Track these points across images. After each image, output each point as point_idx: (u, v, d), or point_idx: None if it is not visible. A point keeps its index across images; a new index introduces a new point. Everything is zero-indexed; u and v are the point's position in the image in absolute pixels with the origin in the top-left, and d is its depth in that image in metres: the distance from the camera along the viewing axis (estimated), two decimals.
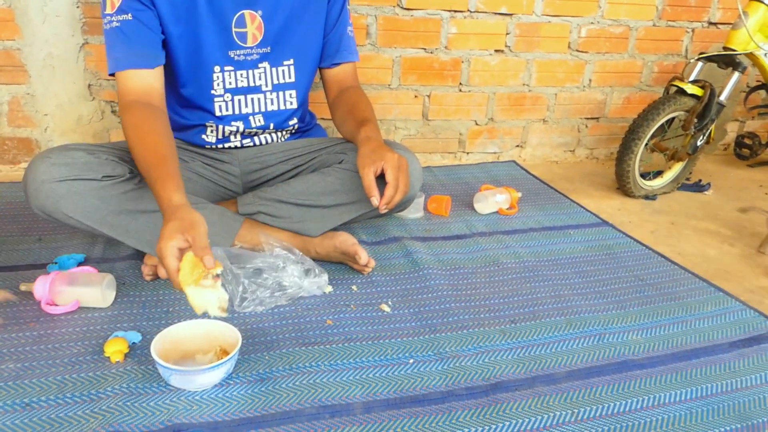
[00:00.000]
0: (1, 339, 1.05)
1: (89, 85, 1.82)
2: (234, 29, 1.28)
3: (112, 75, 1.20)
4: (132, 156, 1.14)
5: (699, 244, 1.69)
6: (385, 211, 1.22)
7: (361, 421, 0.93)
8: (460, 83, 2.14)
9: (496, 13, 2.07)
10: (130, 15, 1.17)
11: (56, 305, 1.13)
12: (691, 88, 1.90)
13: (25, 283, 1.17)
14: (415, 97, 2.11)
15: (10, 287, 1.20)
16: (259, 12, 1.29)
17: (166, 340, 1.00)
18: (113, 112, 1.86)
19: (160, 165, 1.07)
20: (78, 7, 1.72)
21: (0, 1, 1.66)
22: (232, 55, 1.30)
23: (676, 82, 1.94)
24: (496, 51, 2.13)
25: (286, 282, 1.22)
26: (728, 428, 0.96)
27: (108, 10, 1.18)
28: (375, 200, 1.19)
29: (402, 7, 1.97)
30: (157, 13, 1.21)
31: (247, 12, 1.28)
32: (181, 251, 0.96)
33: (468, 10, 2.04)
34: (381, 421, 0.93)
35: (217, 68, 1.30)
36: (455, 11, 2.03)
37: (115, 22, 1.17)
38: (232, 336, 1.01)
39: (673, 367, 1.10)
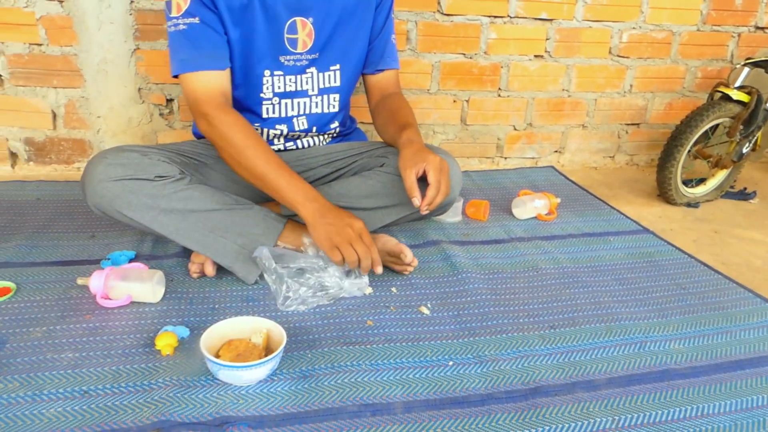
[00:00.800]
0: (60, 329, 1.10)
1: (139, 89, 1.89)
2: (286, 35, 1.31)
3: (176, 76, 1.24)
4: (245, 154, 1.20)
5: (744, 254, 1.66)
6: (426, 212, 1.23)
7: (401, 420, 0.94)
8: (499, 88, 2.15)
9: (536, 19, 2.07)
10: (197, 18, 1.20)
11: (110, 299, 1.19)
12: (736, 94, 1.87)
13: (81, 277, 1.23)
14: (454, 101, 2.13)
15: (67, 281, 1.26)
16: (311, 19, 1.32)
17: (215, 336, 1.03)
18: (161, 114, 1.93)
19: (284, 165, 1.22)
20: (131, 14, 1.79)
21: (59, 9, 1.74)
22: (283, 60, 1.34)
23: (721, 88, 1.91)
24: (536, 56, 2.13)
25: (328, 282, 1.25)
26: None
27: (174, 13, 1.21)
28: (416, 200, 1.21)
29: (442, 13, 1.99)
30: (219, 14, 1.23)
31: (299, 19, 1.31)
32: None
33: (508, 16, 2.04)
34: (421, 421, 0.94)
35: (267, 72, 1.33)
36: (495, 17, 2.03)
37: (181, 25, 1.20)
38: (278, 333, 1.04)
39: (717, 378, 1.09)
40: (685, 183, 2.01)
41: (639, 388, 1.05)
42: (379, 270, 1.19)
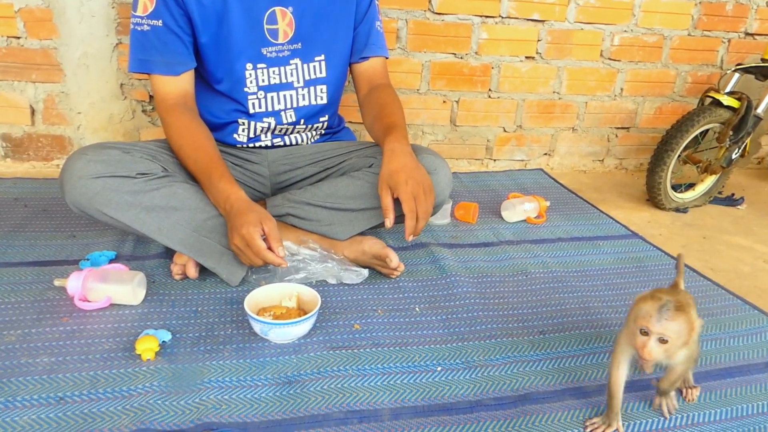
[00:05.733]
0: (36, 333, 1.06)
1: (121, 85, 1.84)
2: (265, 26, 1.30)
3: (134, 72, 1.28)
4: (180, 155, 1.24)
5: (732, 260, 1.66)
6: (413, 239, 1.22)
7: (389, 427, 0.92)
8: (490, 89, 2.13)
9: (527, 20, 2.06)
10: (160, 21, 1.21)
11: (89, 301, 1.15)
12: (727, 100, 1.87)
13: (59, 278, 1.19)
14: (444, 102, 2.11)
15: (43, 282, 1.22)
16: (290, 8, 1.31)
17: (250, 304, 1.11)
18: (144, 111, 1.89)
19: (217, 164, 1.20)
20: (113, 7, 1.75)
21: (39, 1, 1.70)
22: (264, 53, 1.32)
23: (712, 93, 1.91)
24: (527, 57, 2.12)
25: (329, 263, 1.29)
26: None
27: (139, 12, 1.21)
28: (389, 222, 1.19)
29: (433, 12, 1.97)
30: (188, 16, 1.23)
31: (278, 9, 1.30)
32: None
33: (499, 16, 2.03)
34: (409, 428, 0.92)
35: (249, 65, 1.32)
36: (486, 17, 2.02)
37: (145, 26, 1.22)
38: (308, 294, 1.16)
39: (706, 386, 1.08)
40: (674, 188, 2.01)
41: (628, 396, 1.03)
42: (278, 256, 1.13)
